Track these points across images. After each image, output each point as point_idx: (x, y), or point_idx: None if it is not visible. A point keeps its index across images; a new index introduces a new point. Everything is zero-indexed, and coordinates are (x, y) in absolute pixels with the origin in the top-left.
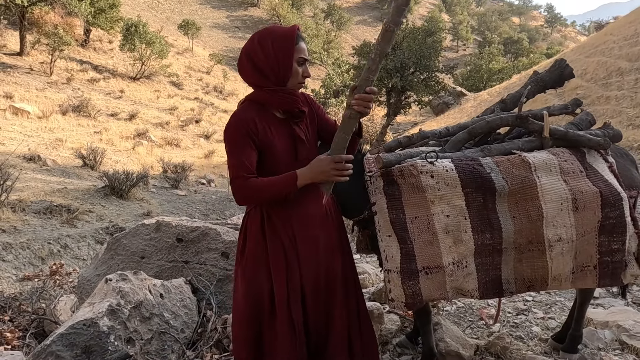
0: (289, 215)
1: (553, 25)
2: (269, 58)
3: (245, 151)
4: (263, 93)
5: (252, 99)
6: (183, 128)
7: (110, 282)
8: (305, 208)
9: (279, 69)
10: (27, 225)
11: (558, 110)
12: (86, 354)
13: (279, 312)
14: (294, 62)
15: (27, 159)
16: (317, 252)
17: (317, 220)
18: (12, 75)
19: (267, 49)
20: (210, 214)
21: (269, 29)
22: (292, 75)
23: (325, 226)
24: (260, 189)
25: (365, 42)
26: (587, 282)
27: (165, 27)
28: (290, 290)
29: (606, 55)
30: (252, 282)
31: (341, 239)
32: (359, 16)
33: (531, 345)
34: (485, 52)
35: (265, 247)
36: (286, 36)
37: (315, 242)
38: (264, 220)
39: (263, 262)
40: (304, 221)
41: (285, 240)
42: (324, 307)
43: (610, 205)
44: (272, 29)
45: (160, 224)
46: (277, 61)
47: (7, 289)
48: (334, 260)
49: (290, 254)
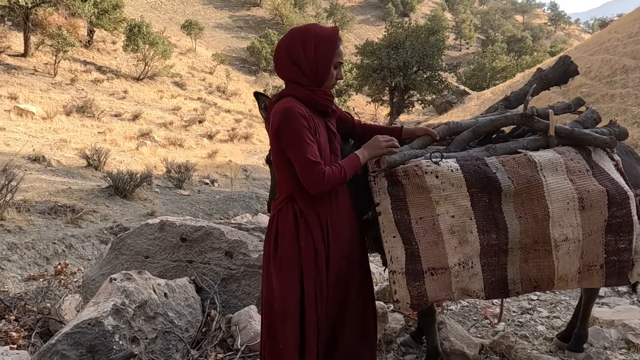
0: (322, 212)
1: (557, 23)
2: (309, 60)
3: (311, 142)
4: (304, 91)
5: (292, 95)
6: (186, 128)
7: (114, 282)
8: (336, 203)
9: (318, 71)
10: (32, 225)
11: (560, 110)
12: (91, 353)
13: (308, 310)
14: (332, 66)
15: (31, 160)
16: (345, 249)
17: (346, 215)
18: (16, 77)
19: (310, 51)
20: (214, 213)
21: (312, 29)
22: (328, 79)
23: (352, 220)
24: (339, 174)
25: (368, 41)
26: (593, 282)
27: (168, 27)
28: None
29: (610, 53)
30: (290, 281)
31: (359, 230)
32: (362, 15)
33: (536, 344)
34: (489, 50)
35: (299, 246)
36: (329, 41)
37: (344, 240)
38: (297, 220)
39: (296, 261)
40: (336, 217)
41: (318, 242)
42: (341, 297)
43: (616, 204)
44: (316, 31)
45: (164, 224)
46: (317, 64)
47: (12, 288)
48: (355, 253)
49: (320, 255)
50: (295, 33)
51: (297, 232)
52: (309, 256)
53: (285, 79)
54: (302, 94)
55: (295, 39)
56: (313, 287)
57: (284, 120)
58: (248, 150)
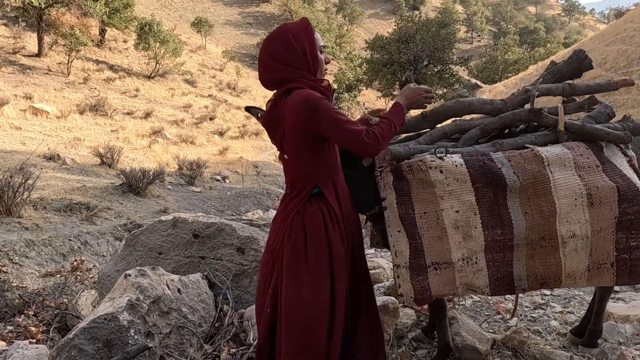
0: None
1: (571, 14)
2: (296, 54)
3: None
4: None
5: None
6: (197, 125)
7: (129, 278)
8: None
9: (309, 60)
10: (48, 222)
11: (572, 110)
12: (107, 347)
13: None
14: (318, 51)
15: (47, 158)
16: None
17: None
18: (31, 77)
19: (293, 46)
20: (226, 210)
21: (284, 29)
22: (319, 64)
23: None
24: (389, 128)
25: (378, 35)
26: (603, 280)
27: (179, 25)
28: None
29: (627, 43)
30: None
31: None
32: (371, 9)
33: (549, 340)
34: (501, 43)
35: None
36: (305, 30)
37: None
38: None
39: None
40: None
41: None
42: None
43: (628, 201)
44: (288, 28)
45: (177, 220)
46: (304, 54)
47: (30, 284)
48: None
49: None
50: (271, 39)
51: (327, 233)
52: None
53: (280, 80)
54: (309, 86)
55: (275, 43)
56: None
57: (312, 105)
58: (259, 146)
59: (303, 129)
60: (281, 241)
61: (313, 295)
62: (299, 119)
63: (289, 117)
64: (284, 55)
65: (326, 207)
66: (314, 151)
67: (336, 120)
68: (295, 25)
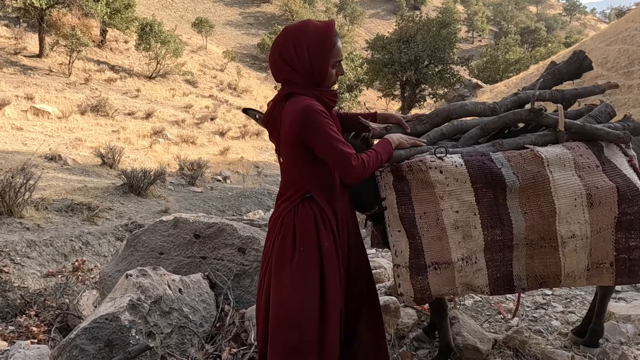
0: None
1: (572, 13)
2: (303, 61)
3: (338, 134)
4: (314, 92)
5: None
6: (198, 126)
7: (130, 278)
8: (343, 195)
9: (314, 72)
10: (49, 223)
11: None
12: (109, 347)
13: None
14: (329, 67)
15: (48, 159)
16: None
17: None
18: (32, 77)
19: (302, 51)
20: (227, 210)
21: (305, 28)
22: (327, 79)
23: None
24: (375, 159)
25: (379, 35)
26: (603, 280)
27: (179, 25)
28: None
29: (628, 42)
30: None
31: None
32: (372, 9)
33: (550, 340)
34: (502, 42)
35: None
36: (323, 41)
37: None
38: (316, 218)
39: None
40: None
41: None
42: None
43: (627, 201)
44: (309, 29)
45: (178, 221)
46: (311, 65)
47: (32, 284)
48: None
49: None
50: (288, 32)
51: (318, 232)
52: (332, 256)
53: (282, 80)
54: (312, 94)
55: (288, 38)
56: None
57: (307, 117)
58: (259, 146)
59: (298, 138)
60: (273, 241)
61: (299, 294)
62: (294, 127)
63: (286, 123)
64: (290, 56)
65: (318, 208)
66: (309, 158)
67: (329, 138)
68: (316, 29)
